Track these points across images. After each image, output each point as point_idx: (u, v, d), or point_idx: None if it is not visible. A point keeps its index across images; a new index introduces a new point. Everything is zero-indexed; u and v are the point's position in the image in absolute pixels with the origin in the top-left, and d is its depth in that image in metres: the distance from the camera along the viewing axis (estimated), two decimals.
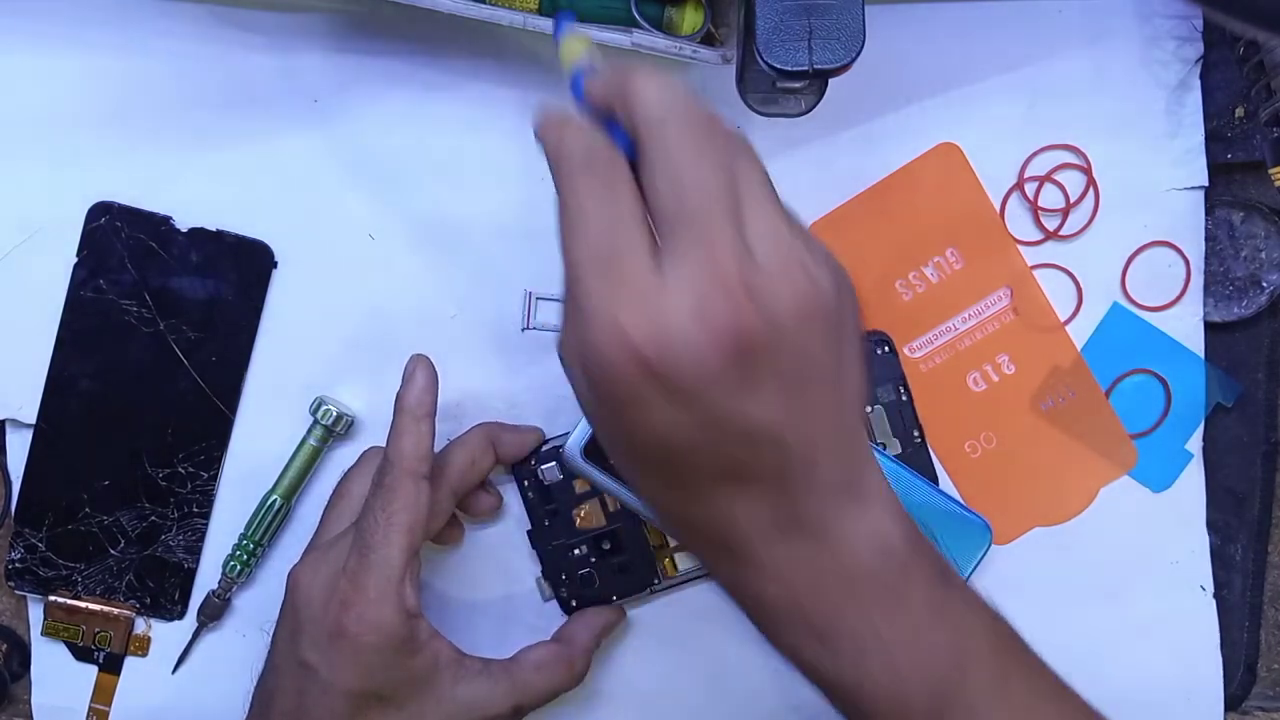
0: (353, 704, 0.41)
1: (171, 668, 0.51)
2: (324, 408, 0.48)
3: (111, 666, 0.51)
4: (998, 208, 0.49)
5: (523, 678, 0.44)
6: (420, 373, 0.44)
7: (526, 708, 0.44)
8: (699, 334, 0.29)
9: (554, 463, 0.48)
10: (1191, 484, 0.49)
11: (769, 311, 0.29)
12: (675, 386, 0.29)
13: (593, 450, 0.46)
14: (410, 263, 0.49)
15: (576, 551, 0.49)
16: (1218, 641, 0.50)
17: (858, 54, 0.39)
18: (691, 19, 0.44)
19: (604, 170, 0.31)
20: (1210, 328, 0.49)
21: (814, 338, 0.30)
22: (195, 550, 0.50)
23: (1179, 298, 0.49)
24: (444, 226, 0.49)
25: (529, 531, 0.49)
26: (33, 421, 0.49)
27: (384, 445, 0.44)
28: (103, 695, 0.51)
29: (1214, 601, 0.50)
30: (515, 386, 0.49)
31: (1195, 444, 0.49)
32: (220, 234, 0.48)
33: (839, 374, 0.31)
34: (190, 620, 0.50)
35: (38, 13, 0.47)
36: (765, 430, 0.30)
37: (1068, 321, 0.49)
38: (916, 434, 0.49)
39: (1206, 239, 0.49)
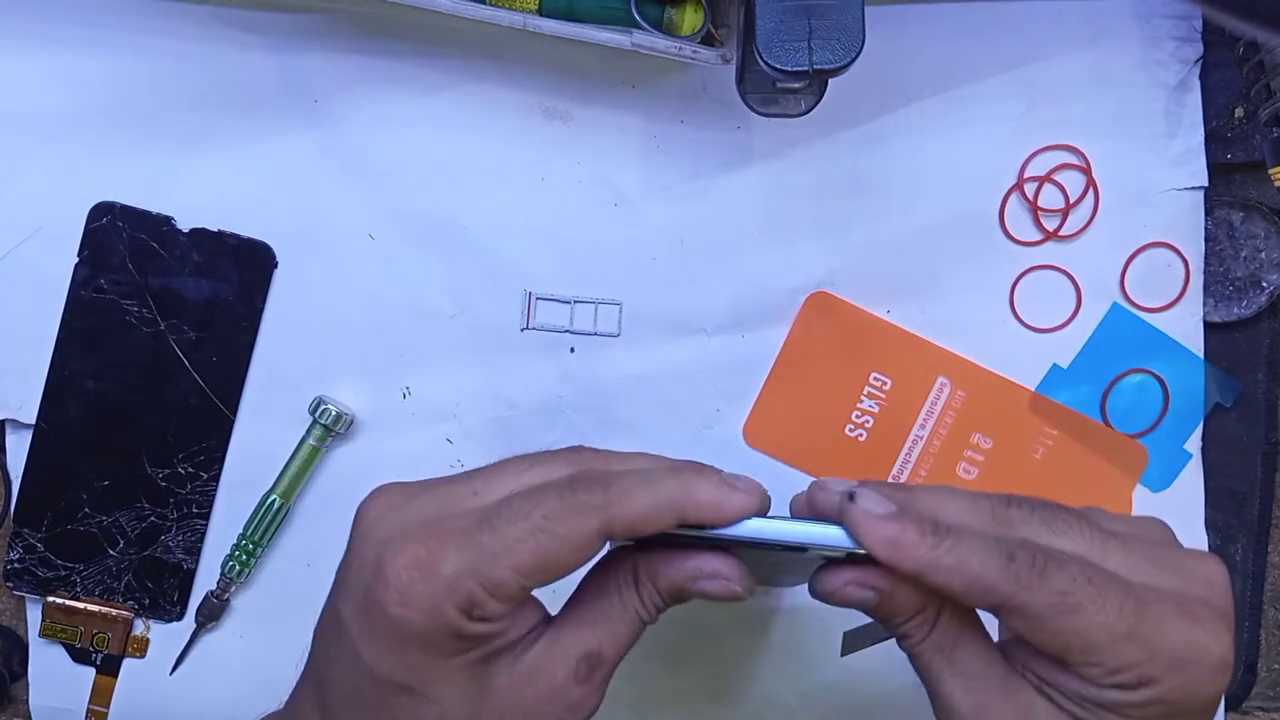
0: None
1: (170, 669, 0.50)
2: (323, 407, 0.48)
3: (109, 668, 0.50)
4: (997, 208, 0.49)
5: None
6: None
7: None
8: None
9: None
10: (1191, 484, 0.49)
11: None
12: None
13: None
14: (410, 263, 0.49)
15: None
16: None
17: (858, 54, 0.39)
18: (691, 19, 0.44)
19: None
20: (1210, 328, 0.49)
21: None
22: (194, 551, 0.50)
23: (1179, 298, 0.49)
24: (444, 226, 0.49)
25: None
26: (32, 421, 0.49)
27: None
28: (101, 697, 0.51)
29: None
30: (515, 386, 0.49)
31: (1194, 444, 0.49)
32: (221, 234, 0.48)
33: None
34: (189, 621, 0.50)
35: (38, 13, 0.47)
36: None
37: (1067, 323, 0.49)
38: None
39: (1206, 239, 0.49)
